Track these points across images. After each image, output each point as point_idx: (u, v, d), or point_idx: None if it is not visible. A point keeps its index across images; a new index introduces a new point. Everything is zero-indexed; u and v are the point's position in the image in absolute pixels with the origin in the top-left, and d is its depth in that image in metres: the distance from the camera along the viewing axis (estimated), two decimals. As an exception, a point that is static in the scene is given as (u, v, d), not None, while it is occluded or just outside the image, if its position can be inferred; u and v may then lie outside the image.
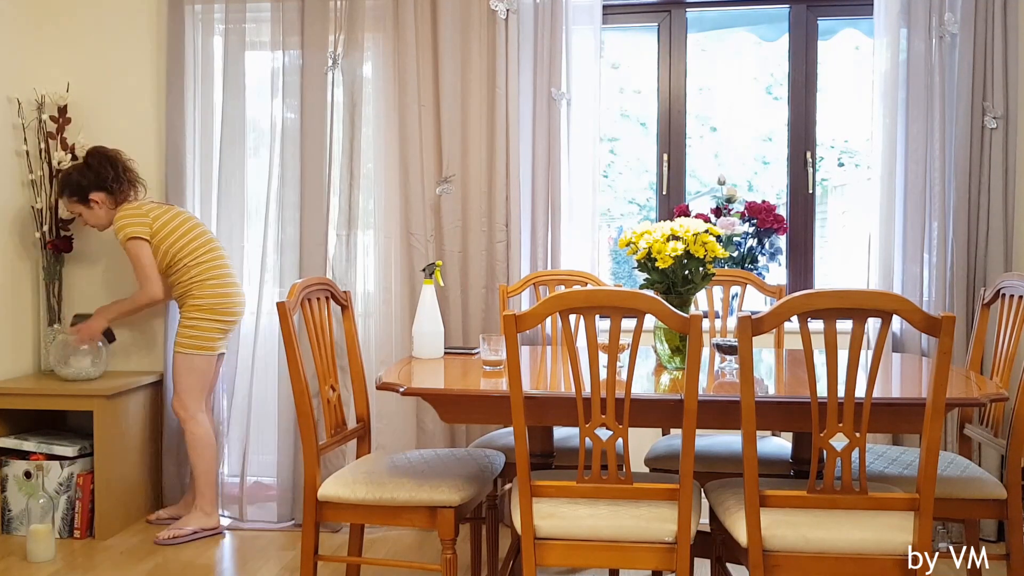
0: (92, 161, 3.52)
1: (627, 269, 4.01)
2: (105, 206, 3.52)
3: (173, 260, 3.47)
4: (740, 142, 3.96)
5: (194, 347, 3.46)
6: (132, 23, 3.85)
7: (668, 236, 2.41)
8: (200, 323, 3.46)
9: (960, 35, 3.33)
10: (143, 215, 3.46)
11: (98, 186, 3.50)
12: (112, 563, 3.22)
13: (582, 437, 2.03)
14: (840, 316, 1.90)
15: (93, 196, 3.50)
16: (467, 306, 3.59)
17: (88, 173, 3.50)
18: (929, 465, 1.92)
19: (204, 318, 3.46)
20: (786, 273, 3.70)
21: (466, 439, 3.58)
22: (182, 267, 3.47)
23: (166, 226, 3.46)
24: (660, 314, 1.95)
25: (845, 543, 1.98)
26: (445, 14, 3.53)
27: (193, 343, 3.46)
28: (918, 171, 3.38)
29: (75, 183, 3.51)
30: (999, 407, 2.58)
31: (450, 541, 2.30)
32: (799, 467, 2.61)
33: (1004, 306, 2.62)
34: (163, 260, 3.48)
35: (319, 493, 2.36)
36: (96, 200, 3.50)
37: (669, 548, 2.05)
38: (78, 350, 3.59)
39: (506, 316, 1.96)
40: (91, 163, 3.51)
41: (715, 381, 2.31)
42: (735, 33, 3.86)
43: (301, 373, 2.37)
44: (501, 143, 3.52)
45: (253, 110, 3.75)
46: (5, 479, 3.50)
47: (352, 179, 3.64)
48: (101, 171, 3.49)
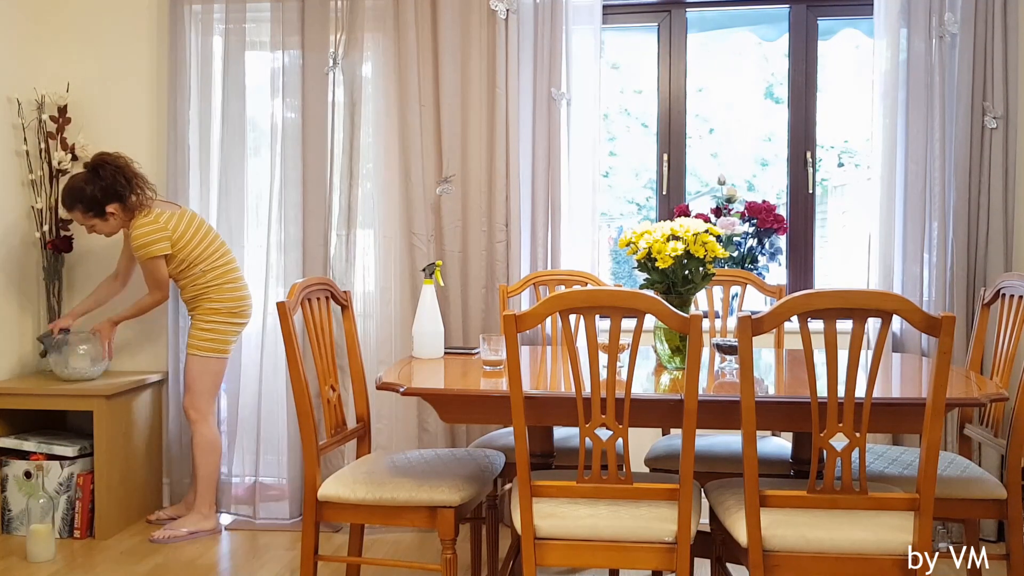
0: (103, 172, 3.42)
1: (627, 269, 4.01)
2: (120, 216, 3.47)
3: (188, 265, 3.46)
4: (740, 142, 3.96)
5: (212, 350, 3.47)
6: (132, 23, 3.85)
7: (668, 236, 2.41)
8: (218, 326, 3.47)
9: (960, 35, 3.33)
10: (162, 228, 3.41)
11: (113, 197, 3.42)
12: (112, 563, 3.22)
13: (582, 437, 2.03)
14: (840, 316, 1.90)
15: (109, 208, 3.44)
16: (467, 306, 3.59)
17: (100, 184, 3.41)
18: (929, 465, 1.92)
19: (221, 321, 3.47)
20: (786, 273, 3.70)
21: (466, 439, 3.58)
22: (197, 272, 3.47)
23: (183, 236, 3.45)
24: (660, 314, 1.95)
25: (845, 543, 1.98)
26: (445, 14, 3.53)
27: (211, 345, 3.47)
28: (918, 171, 3.38)
29: (90, 197, 3.41)
30: (999, 407, 2.58)
31: (450, 541, 2.30)
32: (799, 467, 2.61)
33: (1004, 306, 2.62)
34: (177, 266, 3.47)
35: (319, 493, 2.36)
36: (112, 212, 3.45)
37: (669, 548, 2.05)
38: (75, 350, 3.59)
39: (506, 316, 1.96)
40: (102, 174, 3.42)
41: (715, 381, 2.31)
42: (735, 33, 3.86)
43: (301, 373, 2.37)
44: (501, 143, 3.52)
45: (253, 110, 3.75)
46: (5, 479, 3.50)
47: (352, 179, 3.64)
48: (115, 183, 3.41)
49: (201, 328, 3.48)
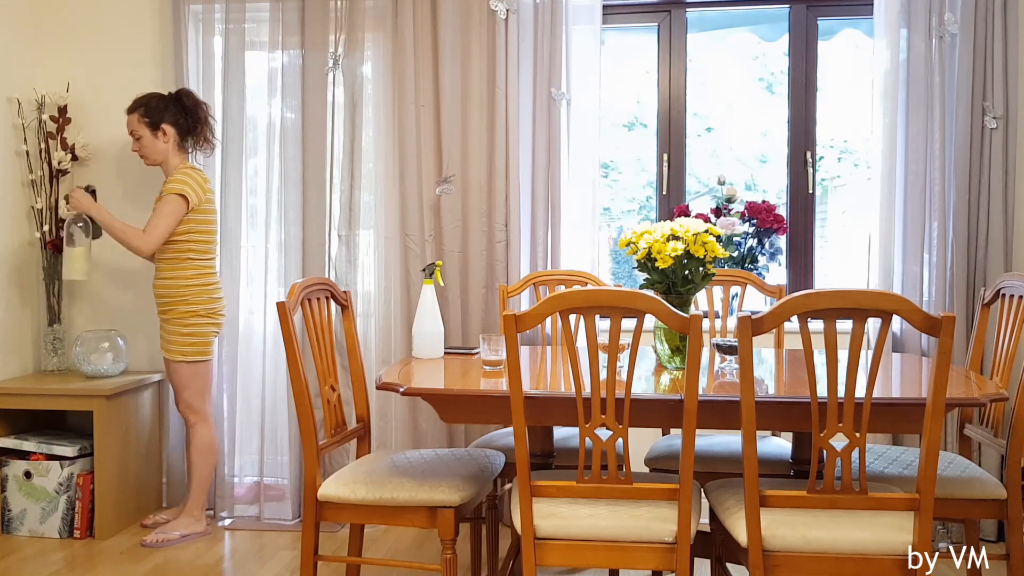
0: (186, 100, 3.43)
1: (627, 269, 4.01)
2: (169, 144, 3.41)
3: (186, 245, 3.37)
4: (740, 142, 3.96)
5: (196, 353, 3.43)
6: (132, 23, 3.85)
7: (668, 236, 2.41)
8: (198, 328, 3.41)
9: (960, 35, 3.33)
10: (204, 188, 3.38)
11: (176, 122, 3.41)
12: (112, 563, 3.22)
13: (582, 437, 2.03)
14: (840, 316, 1.90)
15: (165, 127, 3.40)
16: (467, 306, 3.59)
17: (174, 106, 3.41)
18: (929, 465, 1.92)
19: (201, 322, 3.42)
20: (786, 273, 3.70)
21: (466, 439, 3.58)
22: (186, 257, 3.37)
23: (208, 209, 3.41)
24: (660, 314, 1.95)
25: (845, 543, 1.98)
26: (445, 14, 3.53)
27: (195, 349, 3.42)
28: (918, 171, 3.39)
29: (155, 106, 3.39)
30: (999, 407, 2.58)
31: (450, 541, 2.30)
32: (799, 467, 2.61)
33: (1004, 306, 2.62)
34: (179, 235, 3.37)
35: (319, 493, 2.36)
36: (166, 131, 3.40)
37: (669, 548, 2.05)
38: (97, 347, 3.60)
39: (506, 316, 1.97)
40: (182, 99, 3.43)
41: (715, 381, 2.31)
42: (735, 33, 3.86)
43: (301, 373, 2.37)
44: (501, 143, 3.52)
45: (253, 110, 3.75)
46: (5, 479, 3.50)
47: (353, 179, 3.64)
48: (185, 111, 3.41)
49: (181, 333, 3.39)
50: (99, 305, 3.88)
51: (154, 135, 3.40)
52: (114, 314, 3.87)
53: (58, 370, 3.81)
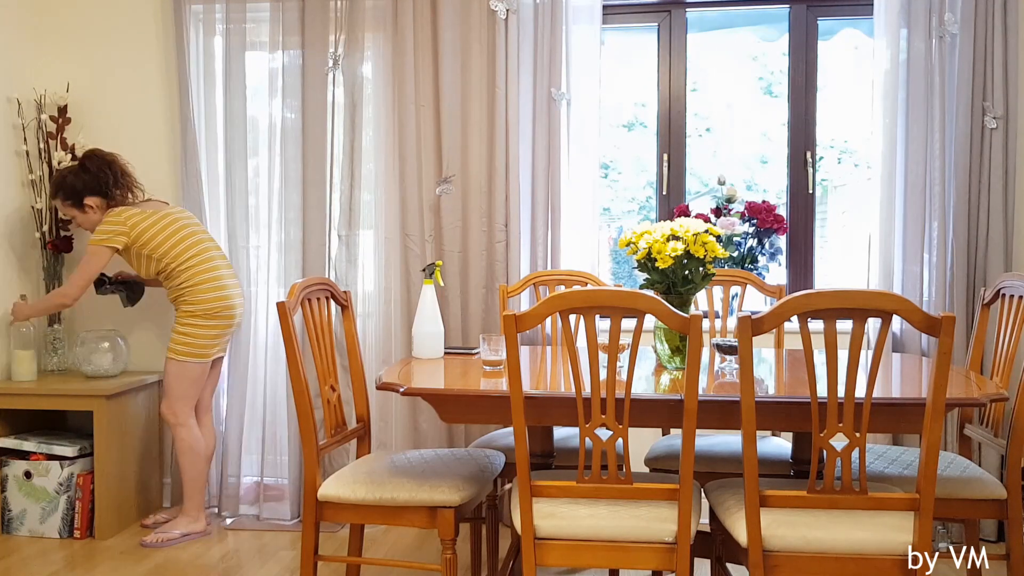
0: (89, 165, 3.44)
1: (627, 269, 4.01)
2: (100, 211, 3.45)
3: (162, 266, 3.41)
4: (740, 142, 3.96)
5: (188, 354, 3.41)
6: (132, 23, 3.85)
7: (668, 236, 2.42)
8: (195, 329, 3.40)
9: (960, 35, 3.33)
10: (121, 223, 3.37)
11: (94, 190, 3.43)
12: (112, 563, 3.22)
13: (582, 437, 2.03)
14: (840, 316, 1.90)
15: (88, 200, 3.43)
16: (467, 306, 3.59)
17: (84, 176, 3.43)
18: (929, 465, 1.92)
19: (198, 324, 3.40)
20: (786, 273, 3.70)
21: (466, 439, 3.58)
22: (171, 272, 3.41)
23: (146, 232, 3.37)
24: (660, 314, 1.95)
25: (845, 543, 1.98)
26: (445, 14, 3.53)
27: (187, 350, 3.41)
28: (918, 171, 3.38)
29: (70, 186, 3.43)
30: (999, 407, 2.58)
31: (450, 541, 2.31)
32: (799, 467, 2.61)
33: (1004, 306, 2.62)
34: (153, 267, 3.42)
35: (319, 493, 2.36)
36: (91, 205, 3.44)
37: (669, 548, 2.05)
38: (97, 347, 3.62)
39: (506, 316, 1.97)
40: (88, 167, 3.44)
41: (715, 381, 2.31)
42: (735, 33, 3.86)
43: (301, 373, 2.37)
44: (501, 143, 3.52)
45: (254, 110, 3.75)
46: (5, 479, 3.50)
47: (353, 179, 3.64)
48: (99, 175, 3.43)
49: (179, 332, 3.41)
50: (99, 305, 3.88)
51: (83, 212, 3.47)
52: (114, 314, 3.87)
53: (58, 370, 3.81)
